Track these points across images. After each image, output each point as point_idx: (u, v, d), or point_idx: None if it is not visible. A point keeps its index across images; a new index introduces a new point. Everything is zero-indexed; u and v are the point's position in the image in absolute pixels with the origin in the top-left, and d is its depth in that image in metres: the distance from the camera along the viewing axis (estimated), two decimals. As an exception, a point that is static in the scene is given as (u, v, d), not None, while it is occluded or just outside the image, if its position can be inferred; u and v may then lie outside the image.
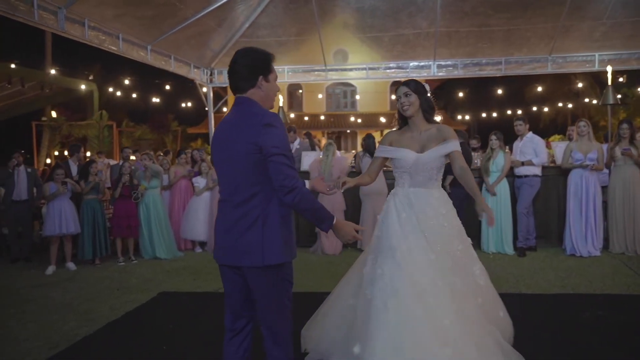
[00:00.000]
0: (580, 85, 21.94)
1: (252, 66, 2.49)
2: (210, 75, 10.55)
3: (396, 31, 9.43)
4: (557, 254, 6.92)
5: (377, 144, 7.90)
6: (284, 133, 2.43)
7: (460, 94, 21.98)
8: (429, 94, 3.22)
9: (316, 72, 10.52)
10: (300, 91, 24.93)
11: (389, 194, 3.35)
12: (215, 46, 9.84)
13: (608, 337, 3.93)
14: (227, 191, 2.49)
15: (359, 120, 24.69)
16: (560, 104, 24.38)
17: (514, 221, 7.04)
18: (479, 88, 22.81)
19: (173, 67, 9.25)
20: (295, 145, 8.92)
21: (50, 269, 6.76)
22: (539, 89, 20.86)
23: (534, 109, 23.39)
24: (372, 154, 7.43)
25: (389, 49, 10.02)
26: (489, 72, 10.11)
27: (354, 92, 25.88)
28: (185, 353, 3.81)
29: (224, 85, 11.03)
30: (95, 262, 7.14)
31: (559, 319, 4.38)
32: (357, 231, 2.56)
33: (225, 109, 14.04)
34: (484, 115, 24.01)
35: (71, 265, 6.93)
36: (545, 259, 6.69)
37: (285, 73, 10.48)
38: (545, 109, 24.08)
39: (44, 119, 15.13)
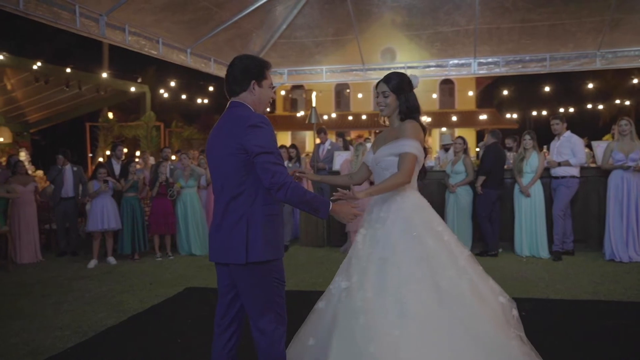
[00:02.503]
0: (636, 80, 20.70)
1: (245, 71, 2.57)
2: (250, 76, 10.76)
3: (434, 29, 9.29)
4: (596, 258, 6.63)
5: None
6: (270, 133, 2.49)
7: (511, 92, 21.28)
8: (414, 90, 2.93)
9: (354, 72, 10.52)
10: (348, 91, 24.94)
11: None
12: (254, 48, 10.01)
13: (623, 346, 3.76)
14: (216, 191, 2.59)
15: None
16: (618, 101, 23.13)
17: (550, 224, 6.79)
18: (530, 85, 22.03)
19: (213, 69, 9.50)
20: (326, 146, 8.98)
21: (92, 263, 7.13)
22: (596, 85, 19.83)
23: (589, 106, 22.29)
24: (402, 154, 7.36)
25: (427, 47, 9.89)
26: (533, 69, 9.77)
27: (402, 91, 25.62)
28: (196, 347, 3.94)
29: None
30: (134, 257, 7.48)
31: (576, 326, 4.21)
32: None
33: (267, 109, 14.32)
34: (534, 113, 23.13)
35: (112, 260, 7.29)
36: (582, 263, 6.42)
37: (323, 73, 10.55)
38: (601, 107, 22.91)
39: (100, 120, 15.94)
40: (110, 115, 16.50)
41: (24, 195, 7.47)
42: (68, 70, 12.30)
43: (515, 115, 24.12)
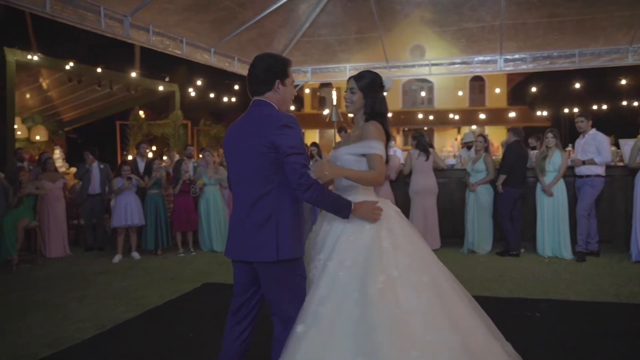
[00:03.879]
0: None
1: (269, 70, 2.58)
2: (274, 74, 10.83)
3: (459, 25, 9.18)
4: (622, 260, 6.44)
5: (430, 141, 7.76)
6: (300, 133, 2.53)
7: (544, 89, 20.74)
8: (383, 93, 2.83)
9: (378, 70, 10.36)
10: (376, 89, 24.79)
11: None
12: (278, 46, 10.06)
13: (629, 347, 3.67)
14: (241, 190, 2.58)
15: (431, 117, 24.14)
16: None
17: (573, 224, 6.63)
18: (563, 82, 21.42)
19: (237, 68, 9.60)
20: (348, 143, 8.97)
21: (117, 258, 7.33)
22: (631, 81, 19.11)
23: (624, 103, 21.52)
24: (425, 152, 7.31)
25: (452, 44, 9.78)
26: (561, 65, 9.55)
27: (431, 89, 25.36)
28: (208, 341, 4.01)
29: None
30: (157, 253, 7.64)
31: (592, 328, 4.10)
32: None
33: (292, 107, 14.52)
34: (566, 110, 22.50)
35: (136, 255, 7.47)
36: (607, 265, 6.24)
37: (347, 71, 10.53)
38: (636, 104, 22.09)
39: (131, 118, 16.32)
40: (142, 113, 16.85)
41: (53, 192, 7.72)
42: (99, 70, 12.62)
43: (546, 113, 23.49)
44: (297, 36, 9.77)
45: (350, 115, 2.91)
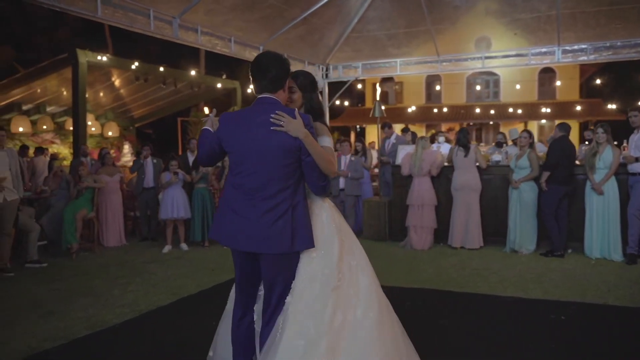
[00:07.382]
0: None
1: (282, 69, 2.67)
2: (326, 70, 10.92)
3: (512, 16, 8.87)
4: (678, 264, 6.00)
5: (467, 137, 7.54)
6: (315, 133, 2.66)
7: (620, 80, 19.43)
8: (318, 92, 2.88)
9: (429, 64, 10.30)
10: (438, 82, 24.25)
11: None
12: (328, 42, 10.14)
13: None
14: (256, 183, 2.61)
15: (492, 112, 23.28)
16: None
17: (625, 224, 6.24)
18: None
19: (286, 65, 9.74)
20: (392, 140, 8.91)
21: (166, 248, 7.71)
22: None
23: None
24: (465, 148, 7.14)
25: (505, 36, 9.44)
26: (625, 55, 8.99)
27: (497, 82, 24.48)
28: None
29: (342, 80, 11.30)
30: (204, 244, 7.96)
31: (621, 334, 3.88)
32: None
33: (346, 103, 14.46)
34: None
35: (184, 246, 7.83)
36: (660, 269, 5.84)
37: (397, 66, 10.45)
38: None
39: (191, 115, 17.01)
40: (206, 110, 17.50)
41: (110, 185, 8.22)
42: (161, 69, 13.22)
43: (615, 106, 21.99)
44: (346, 32, 9.80)
45: None
